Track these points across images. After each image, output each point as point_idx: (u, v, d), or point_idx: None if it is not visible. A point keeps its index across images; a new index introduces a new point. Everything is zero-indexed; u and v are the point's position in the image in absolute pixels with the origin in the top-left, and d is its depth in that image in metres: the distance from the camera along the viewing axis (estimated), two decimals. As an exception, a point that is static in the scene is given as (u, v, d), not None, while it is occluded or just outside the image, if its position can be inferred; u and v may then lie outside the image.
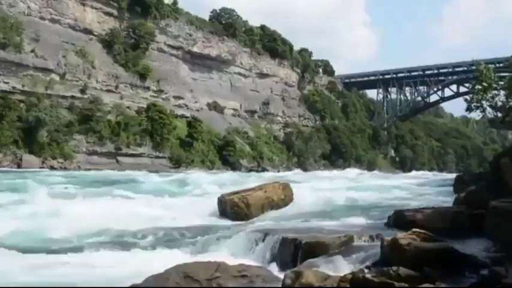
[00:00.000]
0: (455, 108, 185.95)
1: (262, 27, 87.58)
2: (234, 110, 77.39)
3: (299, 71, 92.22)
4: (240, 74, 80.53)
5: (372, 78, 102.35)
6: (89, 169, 42.95)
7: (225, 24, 79.17)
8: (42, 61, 50.12)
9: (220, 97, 75.36)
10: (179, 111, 64.99)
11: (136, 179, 27.81)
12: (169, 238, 10.14)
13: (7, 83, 45.88)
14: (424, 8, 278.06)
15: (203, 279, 5.83)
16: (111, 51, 59.74)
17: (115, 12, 62.88)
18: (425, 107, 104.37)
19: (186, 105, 68.05)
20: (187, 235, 10.26)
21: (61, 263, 7.93)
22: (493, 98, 27.55)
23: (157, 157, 56.20)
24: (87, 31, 59.16)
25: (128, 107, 57.17)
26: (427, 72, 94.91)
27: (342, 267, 6.61)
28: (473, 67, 39.96)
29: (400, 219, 9.71)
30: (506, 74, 34.55)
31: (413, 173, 65.36)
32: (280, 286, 5.53)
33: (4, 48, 46.16)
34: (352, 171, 55.48)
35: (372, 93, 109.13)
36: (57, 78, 51.35)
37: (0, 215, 11.86)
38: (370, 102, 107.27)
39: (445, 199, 14.07)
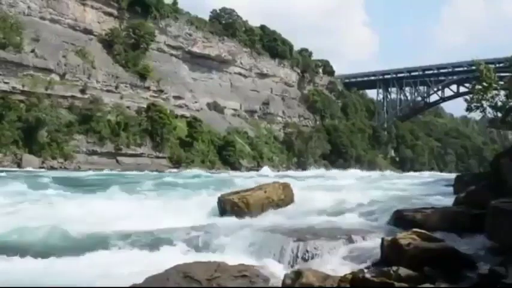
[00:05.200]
0: (455, 108, 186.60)
1: (262, 27, 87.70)
2: (234, 110, 77.43)
3: (299, 71, 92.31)
4: (240, 74, 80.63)
5: (372, 78, 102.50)
6: (89, 169, 42.89)
7: (225, 24, 79.29)
8: (42, 61, 50.14)
9: (220, 97, 75.43)
10: (179, 111, 65.02)
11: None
12: (169, 238, 10.13)
13: (7, 83, 45.91)
14: (424, 8, 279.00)
15: (203, 279, 5.83)
16: (111, 51, 59.80)
17: (115, 12, 63.00)
18: (425, 107, 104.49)
19: (186, 105, 68.09)
20: (187, 235, 10.26)
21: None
22: (493, 98, 27.64)
23: (157, 157, 56.21)
24: (87, 31, 59.23)
25: (128, 107, 57.20)
26: (427, 72, 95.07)
27: (342, 267, 6.61)
28: (473, 67, 40.13)
29: (400, 219, 9.71)
30: (506, 74, 34.68)
31: (412, 173, 65.34)
32: (280, 286, 5.53)
33: (4, 48, 46.19)
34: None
35: (372, 93, 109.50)
36: (57, 78, 51.38)
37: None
38: (370, 102, 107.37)
39: (445, 199, 14.05)
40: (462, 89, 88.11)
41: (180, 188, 20.68)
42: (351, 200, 14.74)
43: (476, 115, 37.22)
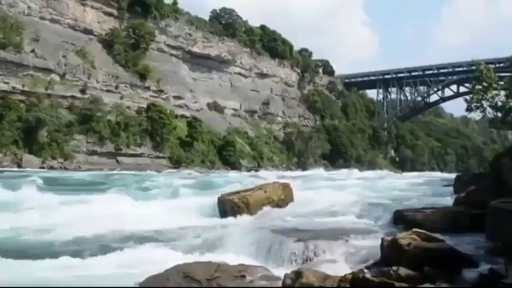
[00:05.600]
0: (455, 108, 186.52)
1: (262, 27, 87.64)
2: (234, 110, 77.38)
3: (299, 71, 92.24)
4: (240, 74, 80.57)
5: (372, 78, 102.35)
6: (89, 169, 42.87)
7: (225, 24, 79.23)
8: (42, 61, 50.07)
9: (220, 97, 75.38)
10: (179, 111, 64.96)
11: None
12: (169, 238, 10.14)
13: (7, 83, 45.81)
14: (424, 8, 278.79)
15: (203, 279, 5.84)
16: (111, 51, 59.72)
17: (115, 12, 62.92)
18: (425, 107, 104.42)
19: (186, 105, 68.04)
20: (188, 235, 10.27)
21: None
22: (493, 98, 27.67)
23: (157, 157, 56.14)
24: (87, 31, 59.16)
25: (128, 107, 57.11)
26: (427, 72, 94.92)
27: (342, 267, 6.62)
28: (473, 67, 40.15)
29: (400, 219, 9.74)
30: (506, 74, 34.73)
31: (412, 173, 65.39)
32: (280, 286, 5.53)
33: (4, 48, 46.11)
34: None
35: (372, 93, 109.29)
36: (57, 78, 51.30)
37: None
38: (370, 102, 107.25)
39: (445, 199, 14.07)
40: (462, 89, 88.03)
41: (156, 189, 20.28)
42: (350, 200, 14.76)
43: (476, 115, 37.24)
